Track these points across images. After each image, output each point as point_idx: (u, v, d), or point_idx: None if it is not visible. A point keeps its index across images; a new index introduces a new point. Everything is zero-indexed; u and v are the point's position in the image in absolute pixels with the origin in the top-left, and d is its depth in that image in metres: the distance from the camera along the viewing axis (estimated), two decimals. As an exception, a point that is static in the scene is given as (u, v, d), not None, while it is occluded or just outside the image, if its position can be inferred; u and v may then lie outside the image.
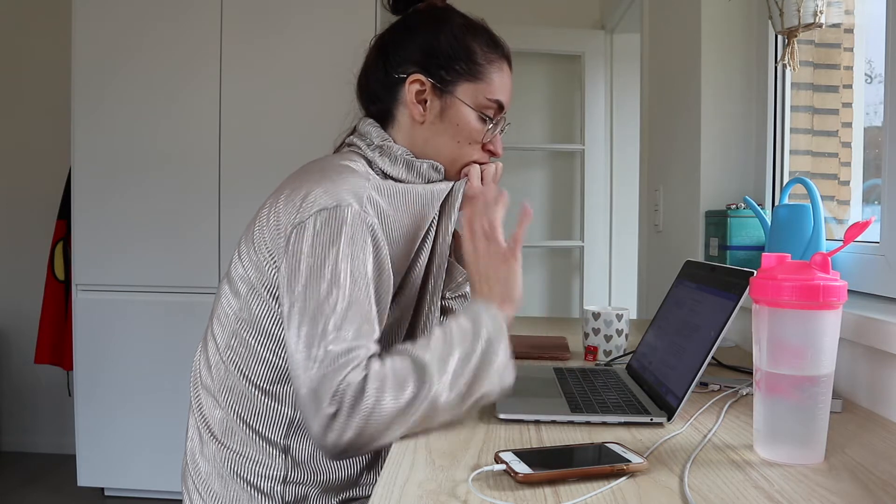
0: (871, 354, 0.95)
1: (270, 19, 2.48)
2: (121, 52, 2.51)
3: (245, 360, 0.94)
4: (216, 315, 0.99)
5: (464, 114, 1.01)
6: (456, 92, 1.00)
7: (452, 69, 1.00)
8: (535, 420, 0.85)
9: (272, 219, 0.91)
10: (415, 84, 1.00)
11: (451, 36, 1.01)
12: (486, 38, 1.03)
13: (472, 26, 1.04)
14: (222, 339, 0.96)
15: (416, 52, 1.00)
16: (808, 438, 0.71)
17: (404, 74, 1.00)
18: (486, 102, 1.01)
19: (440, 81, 1.00)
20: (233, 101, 2.52)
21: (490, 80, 1.01)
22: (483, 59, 1.01)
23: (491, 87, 1.01)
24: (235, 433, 0.94)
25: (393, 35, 1.04)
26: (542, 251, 3.33)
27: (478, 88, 1.01)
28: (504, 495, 0.61)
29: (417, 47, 1.00)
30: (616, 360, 1.23)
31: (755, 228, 1.48)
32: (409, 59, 1.00)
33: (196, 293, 2.55)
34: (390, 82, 1.02)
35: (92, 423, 2.56)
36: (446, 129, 1.01)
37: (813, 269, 0.71)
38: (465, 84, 1.00)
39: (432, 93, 1.00)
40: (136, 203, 2.54)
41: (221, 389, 0.96)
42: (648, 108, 2.34)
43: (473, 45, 1.01)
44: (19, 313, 3.16)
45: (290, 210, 0.89)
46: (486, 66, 1.01)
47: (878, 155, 1.26)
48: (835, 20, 1.44)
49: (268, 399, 0.93)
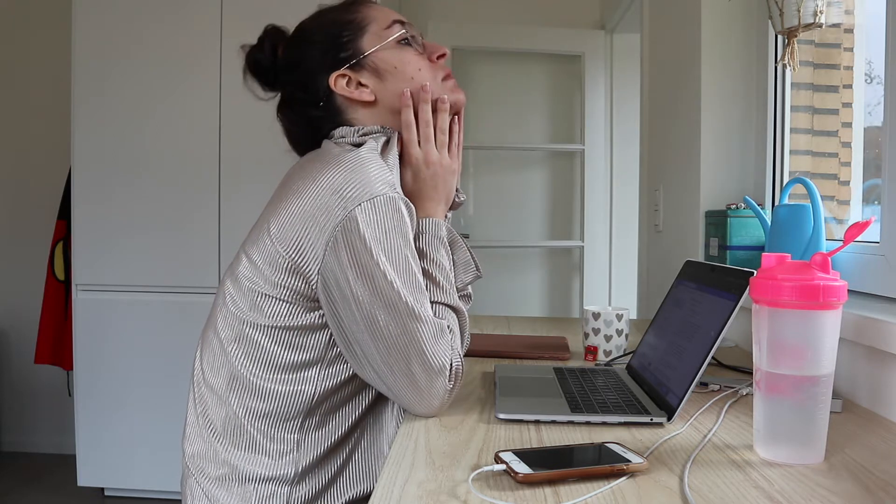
0: (871, 354, 0.95)
1: (270, 18, 2.48)
2: (121, 52, 2.52)
3: (253, 359, 0.93)
4: (221, 314, 0.97)
5: (389, 55, 1.01)
6: (365, 50, 1.00)
7: (343, 44, 1.00)
8: (535, 420, 0.85)
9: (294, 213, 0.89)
10: (338, 81, 1.00)
11: (317, 29, 1.03)
12: (335, 6, 1.05)
13: (319, 12, 1.06)
14: (228, 338, 0.95)
15: (314, 67, 1.01)
16: (808, 438, 0.71)
17: (326, 89, 1.00)
18: (387, 31, 1.02)
19: (349, 59, 1.00)
20: (233, 100, 2.52)
21: (370, 17, 1.02)
22: (350, 14, 1.03)
23: (378, 21, 1.02)
24: (241, 433, 0.94)
25: (287, 85, 1.05)
26: (542, 251, 3.33)
27: (371, 32, 1.01)
28: (504, 495, 0.61)
29: (311, 63, 1.01)
30: (616, 360, 1.23)
31: (755, 228, 1.48)
32: (314, 77, 1.01)
33: (196, 293, 2.55)
34: (321, 110, 1.02)
35: (92, 423, 2.56)
36: (394, 80, 1.01)
37: (813, 269, 0.71)
38: (361, 40, 1.01)
39: (354, 72, 1.00)
40: (136, 203, 2.54)
41: (227, 388, 0.94)
42: (648, 108, 2.34)
43: (334, 16, 1.03)
44: (19, 313, 3.16)
45: (320, 203, 0.87)
46: (358, 15, 1.02)
47: (878, 155, 1.26)
48: (835, 20, 1.44)
49: (278, 397, 0.93)
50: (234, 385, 0.94)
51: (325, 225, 0.86)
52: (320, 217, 0.87)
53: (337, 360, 0.93)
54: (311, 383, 0.93)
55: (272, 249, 0.90)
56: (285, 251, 0.89)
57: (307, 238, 0.88)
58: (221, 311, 0.97)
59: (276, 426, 0.93)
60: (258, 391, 0.93)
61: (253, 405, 0.93)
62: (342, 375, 0.94)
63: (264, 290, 0.91)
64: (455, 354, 0.89)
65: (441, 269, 0.96)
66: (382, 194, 0.87)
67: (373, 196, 0.86)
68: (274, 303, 0.91)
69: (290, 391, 0.93)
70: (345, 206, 0.86)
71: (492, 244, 3.28)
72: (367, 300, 0.86)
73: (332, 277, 0.87)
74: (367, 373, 0.91)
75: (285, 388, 0.93)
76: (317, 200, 0.87)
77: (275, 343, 0.92)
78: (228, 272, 0.99)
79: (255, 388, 0.93)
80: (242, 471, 0.93)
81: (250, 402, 0.93)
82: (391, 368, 0.87)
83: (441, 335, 0.88)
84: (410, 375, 0.87)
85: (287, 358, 0.92)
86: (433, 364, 0.87)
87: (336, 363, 0.93)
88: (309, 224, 0.87)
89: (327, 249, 0.86)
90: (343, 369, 0.94)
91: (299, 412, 0.93)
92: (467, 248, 1.04)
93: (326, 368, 0.93)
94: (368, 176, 0.87)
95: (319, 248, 0.87)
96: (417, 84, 1.01)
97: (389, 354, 0.87)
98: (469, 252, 1.04)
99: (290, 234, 0.89)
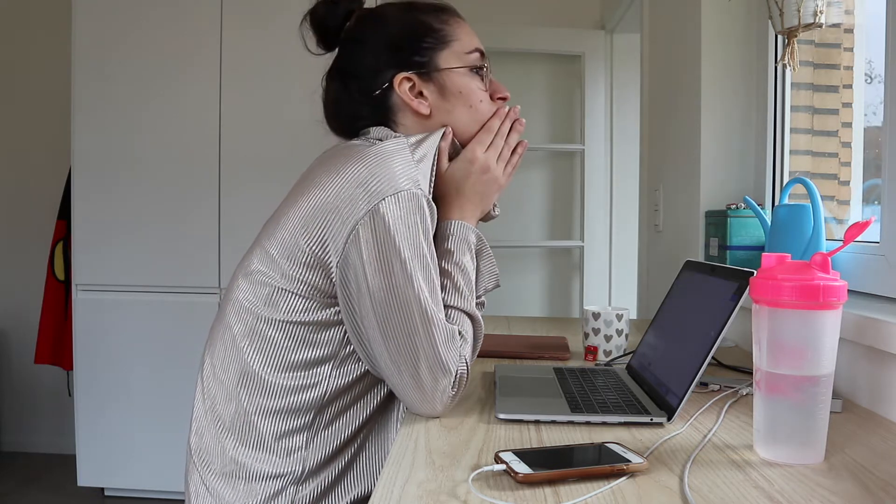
0: (871, 354, 0.95)
1: (271, 17, 2.48)
2: (121, 51, 2.52)
3: (265, 354, 0.92)
4: (233, 309, 0.96)
5: (459, 79, 1.01)
6: (439, 65, 1.00)
7: (423, 49, 0.99)
8: (535, 420, 0.85)
9: (316, 206, 0.88)
10: (403, 83, 0.99)
11: (402, 22, 1.01)
12: (427, 6, 1.03)
13: (409, 4, 1.04)
14: (240, 333, 0.94)
15: (382, 58, 0.99)
16: (808, 438, 0.71)
17: (386, 83, 0.99)
18: (468, 56, 1.01)
19: (421, 66, 0.99)
20: (233, 100, 2.52)
21: (457, 35, 1.01)
22: (439, 23, 1.01)
23: (462, 42, 1.02)
24: (250, 429, 0.93)
25: (346, 59, 1.03)
26: (542, 251, 3.33)
27: (453, 50, 1.01)
28: (504, 495, 0.61)
29: (380, 52, 1.00)
30: (616, 360, 1.23)
31: (755, 228, 1.48)
32: (379, 67, 0.99)
33: (196, 293, 2.55)
34: (372, 100, 1.00)
35: (92, 423, 2.56)
36: (455, 103, 1.01)
37: (813, 269, 0.71)
38: (441, 53, 1.00)
39: (421, 80, 0.99)
40: (136, 203, 2.54)
41: (237, 384, 0.93)
42: (648, 107, 2.35)
43: (423, 18, 1.01)
44: (19, 313, 3.16)
45: (344, 195, 0.86)
46: (446, 27, 1.01)
47: (878, 155, 1.26)
48: (835, 20, 1.44)
49: (289, 394, 0.92)
50: (245, 381, 0.93)
51: (348, 218, 0.86)
52: (344, 209, 0.86)
53: (349, 358, 0.93)
54: (323, 381, 0.93)
55: (291, 242, 0.90)
56: (306, 244, 0.88)
57: (329, 230, 0.87)
58: (233, 305, 0.96)
59: (285, 424, 0.93)
60: (269, 388, 0.92)
61: (263, 402, 0.92)
62: (353, 374, 0.94)
63: (280, 285, 0.91)
64: (461, 362, 0.89)
65: (464, 273, 0.96)
66: (406, 189, 0.87)
67: (397, 191, 0.86)
68: (290, 297, 0.91)
69: (302, 388, 0.92)
70: (369, 200, 0.85)
71: (492, 244, 3.26)
72: (383, 297, 0.86)
73: (352, 271, 0.87)
74: (377, 369, 0.92)
75: (297, 385, 0.92)
76: (341, 193, 0.87)
77: (288, 339, 0.92)
78: (241, 267, 0.98)
79: (267, 384, 0.92)
80: (249, 468, 0.93)
81: (260, 398, 0.93)
82: (398, 367, 0.88)
83: (451, 340, 0.89)
84: (417, 376, 0.87)
85: (300, 354, 0.92)
86: (440, 367, 0.87)
87: (348, 361, 0.93)
88: (331, 216, 0.87)
89: (348, 242, 0.86)
90: (355, 368, 0.94)
91: (309, 410, 0.93)
92: (493, 258, 1.04)
93: (339, 367, 0.93)
94: (392, 170, 0.87)
95: (341, 240, 0.87)
96: (475, 114, 1.02)
97: (399, 353, 0.87)
98: (494, 262, 1.05)
99: (311, 226, 0.88)
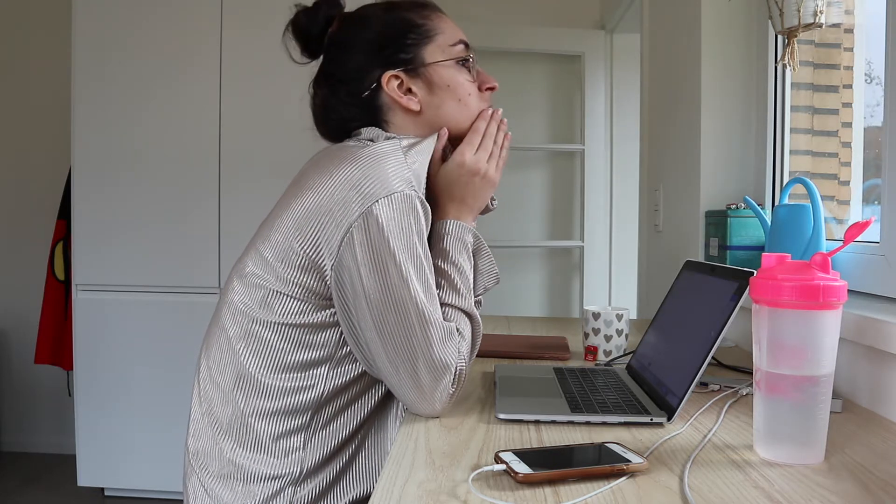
0: (871, 354, 0.95)
1: (271, 17, 2.48)
2: (121, 51, 2.52)
3: (261, 356, 0.92)
4: (228, 311, 0.96)
5: (446, 72, 1.01)
6: (425, 59, 1.00)
7: (407, 46, 1.00)
8: (535, 420, 0.85)
9: (310, 208, 0.89)
10: (391, 81, 0.99)
11: (384, 21, 1.01)
12: (407, 3, 1.04)
13: (390, 4, 1.04)
14: (236, 335, 0.94)
15: (367, 58, 1.00)
16: (808, 438, 0.71)
17: (374, 83, 0.99)
18: (452, 48, 1.02)
19: (407, 63, 1.00)
20: (233, 100, 2.52)
21: (440, 29, 1.02)
22: (421, 18, 1.02)
23: (446, 35, 1.02)
24: (247, 431, 0.93)
25: (332, 64, 1.03)
26: (542, 251, 3.33)
27: (437, 43, 1.01)
28: (504, 495, 0.61)
29: (366, 53, 1.00)
30: (616, 360, 1.23)
31: (755, 228, 1.48)
32: (366, 68, 1.00)
33: (196, 293, 2.55)
34: (361, 102, 1.01)
35: (92, 423, 2.56)
36: (444, 97, 1.01)
37: (813, 269, 0.71)
38: (426, 48, 1.00)
39: (409, 77, 1.00)
40: (137, 203, 2.54)
41: (233, 386, 0.94)
42: (648, 108, 2.34)
43: (405, 15, 1.02)
44: (19, 313, 3.16)
45: (337, 197, 0.87)
46: (429, 22, 1.02)
47: (878, 155, 1.26)
48: (835, 20, 1.44)
49: (285, 396, 0.92)
50: (241, 383, 0.93)
51: (342, 220, 0.86)
52: (337, 212, 0.87)
53: (346, 359, 0.93)
54: (320, 382, 0.93)
55: (286, 245, 0.90)
56: (300, 246, 0.89)
57: (323, 233, 0.87)
58: (229, 308, 0.96)
59: (282, 425, 0.93)
60: (266, 390, 0.92)
61: (260, 404, 0.93)
62: (350, 375, 0.94)
63: (275, 287, 0.91)
64: (461, 358, 0.90)
65: (461, 272, 0.96)
66: (399, 191, 0.87)
67: (390, 192, 0.86)
68: (284, 300, 0.91)
69: (298, 390, 0.92)
70: (363, 202, 0.86)
71: (492, 244, 3.26)
72: (379, 298, 0.86)
73: (346, 273, 0.87)
74: (375, 370, 0.92)
75: (293, 387, 0.92)
76: (334, 195, 0.87)
77: (284, 340, 0.92)
78: (236, 269, 0.98)
79: (263, 386, 0.92)
80: (247, 470, 0.93)
81: (257, 400, 0.93)
82: (397, 367, 0.88)
83: (449, 338, 0.89)
84: (415, 376, 0.87)
85: (296, 356, 0.92)
86: (438, 366, 0.87)
87: (344, 362, 0.93)
88: (325, 219, 0.87)
89: (343, 245, 0.86)
90: (351, 368, 0.94)
91: (306, 411, 0.93)
92: (492, 257, 1.04)
93: (335, 367, 0.93)
94: (385, 172, 0.87)
95: (335, 243, 0.87)
96: (464, 107, 1.02)
97: (396, 354, 0.87)
98: (493, 261, 1.04)
99: (305, 228, 0.88)
